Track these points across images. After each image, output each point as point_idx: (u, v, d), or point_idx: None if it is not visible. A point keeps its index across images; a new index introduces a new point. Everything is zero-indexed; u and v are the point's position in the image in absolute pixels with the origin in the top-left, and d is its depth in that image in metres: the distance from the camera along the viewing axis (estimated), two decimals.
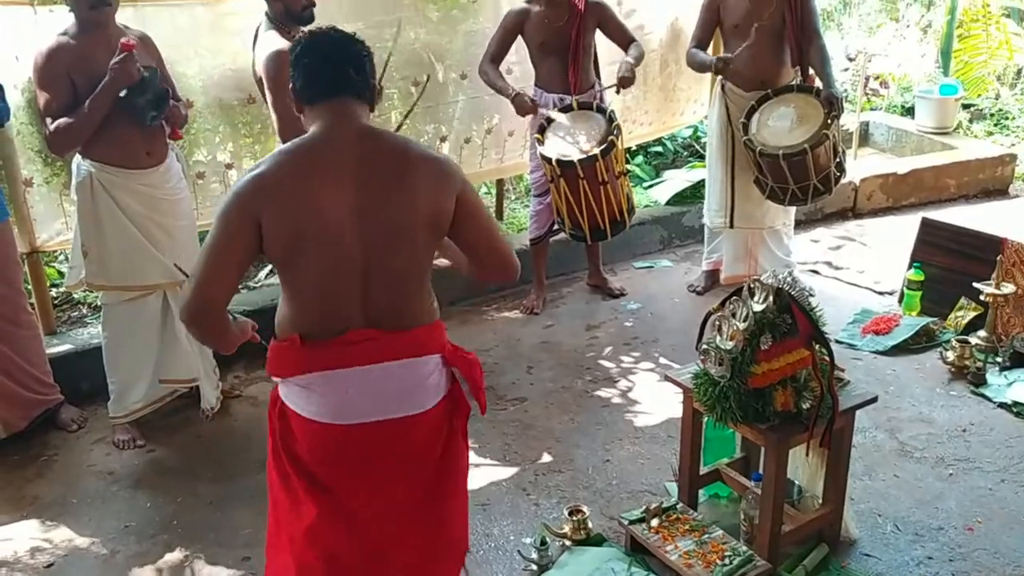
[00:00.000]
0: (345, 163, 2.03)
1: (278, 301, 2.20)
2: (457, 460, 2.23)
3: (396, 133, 2.34)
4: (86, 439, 3.73)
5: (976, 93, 7.87)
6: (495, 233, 2.25)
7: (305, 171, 2.02)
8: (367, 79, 2.14)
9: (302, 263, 2.04)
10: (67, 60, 3.23)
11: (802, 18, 4.32)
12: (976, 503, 3.18)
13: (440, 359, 2.16)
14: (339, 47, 2.15)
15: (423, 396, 2.12)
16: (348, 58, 2.13)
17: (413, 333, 2.11)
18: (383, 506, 2.12)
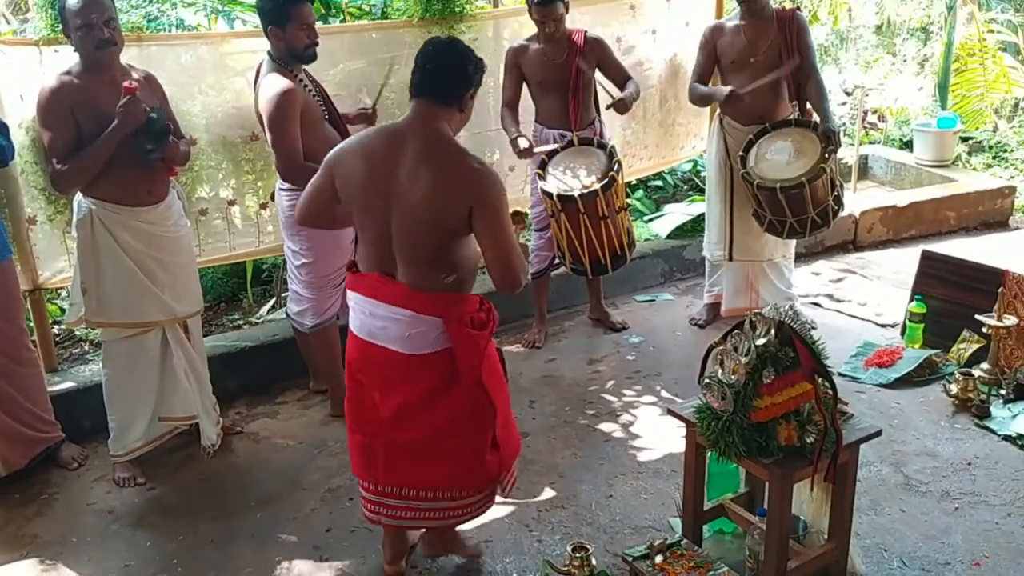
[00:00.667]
0: (396, 151, 2.57)
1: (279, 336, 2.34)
2: (460, 404, 2.71)
3: (455, 145, 2.64)
4: (87, 477, 3.71)
5: (974, 126, 7.92)
6: (506, 248, 2.59)
7: (366, 150, 2.63)
8: (451, 87, 2.61)
9: (354, 217, 2.70)
10: (71, 99, 3.26)
11: (799, 53, 4.36)
12: (983, 537, 3.15)
13: (438, 323, 2.62)
14: (435, 56, 2.65)
15: (410, 342, 2.63)
16: (438, 66, 2.61)
17: (415, 292, 2.60)
18: (393, 407, 2.71)
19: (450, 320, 2.61)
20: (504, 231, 2.59)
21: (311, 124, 3.64)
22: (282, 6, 3.54)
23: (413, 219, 2.55)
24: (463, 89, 2.63)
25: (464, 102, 2.66)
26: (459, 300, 2.66)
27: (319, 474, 3.68)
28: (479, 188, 2.54)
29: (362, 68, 4.46)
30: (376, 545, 3.22)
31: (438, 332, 2.62)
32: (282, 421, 4.13)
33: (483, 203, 2.53)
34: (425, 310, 2.61)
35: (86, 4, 3.21)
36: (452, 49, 2.68)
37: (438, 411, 2.71)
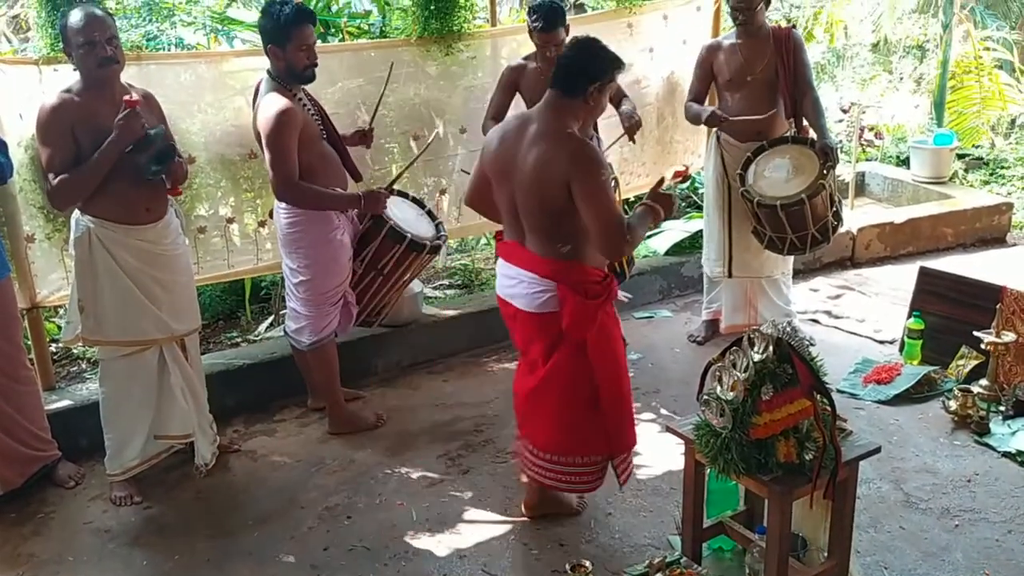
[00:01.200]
0: (521, 134, 2.98)
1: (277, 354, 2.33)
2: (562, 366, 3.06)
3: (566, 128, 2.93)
4: (83, 496, 3.70)
5: (970, 143, 7.95)
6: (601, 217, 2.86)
7: (502, 133, 3.07)
8: (574, 80, 2.93)
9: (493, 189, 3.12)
10: (71, 117, 3.26)
11: (795, 71, 4.38)
12: (983, 555, 3.14)
13: (554, 286, 2.99)
14: (568, 52, 3.06)
15: (527, 300, 3.05)
16: (567, 61, 2.97)
17: (536, 257, 3.02)
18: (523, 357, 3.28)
19: (562, 284, 2.98)
20: (599, 203, 2.86)
21: (309, 142, 3.65)
22: (283, 26, 3.55)
23: (527, 193, 2.95)
24: (586, 83, 2.92)
25: (588, 95, 2.94)
26: (575, 268, 2.99)
27: (317, 492, 3.67)
28: (573, 165, 2.85)
29: (361, 86, 4.48)
30: (374, 564, 3.21)
31: (553, 294, 3.00)
32: (280, 439, 4.11)
33: (577, 179, 2.84)
34: (543, 273, 3.01)
35: (88, 22, 3.22)
36: (582, 47, 3.01)
37: (548, 368, 3.09)
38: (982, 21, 9.09)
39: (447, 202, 4.97)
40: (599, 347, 3.04)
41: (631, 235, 2.94)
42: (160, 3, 5.18)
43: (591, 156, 2.90)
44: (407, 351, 4.79)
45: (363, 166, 4.10)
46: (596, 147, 3.04)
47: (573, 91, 2.94)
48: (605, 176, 2.91)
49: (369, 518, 3.48)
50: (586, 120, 3.05)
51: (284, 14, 3.54)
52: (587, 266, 3.03)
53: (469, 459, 3.87)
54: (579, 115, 2.98)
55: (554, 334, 3.05)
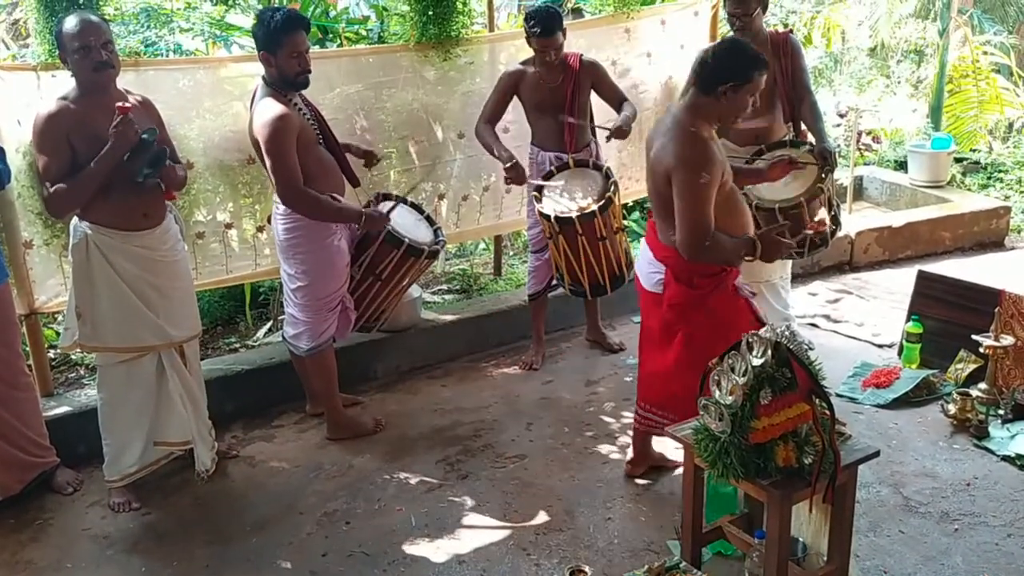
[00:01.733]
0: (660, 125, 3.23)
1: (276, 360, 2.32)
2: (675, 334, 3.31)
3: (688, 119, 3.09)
4: (82, 502, 3.69)
5: (968, 147, 7.96)
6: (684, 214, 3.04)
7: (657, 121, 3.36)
8: (707, 78, 3.05)
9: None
10: (67, 124, 3.26)
11: (792, 75, 4.39)
12: (983, 559, 3.14)
13: (663, 269, 3.25)
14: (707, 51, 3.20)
15: (646, 278, 3.36)
16: (703, 60, 3.12)
17: (655, 240, 3.29)
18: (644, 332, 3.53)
19: (670, 268, 3.22)
20: (687, 198, 3.03)
21: (306, 147, 3.65)
22: (274, 33, 3.55)
23: (649, 178, 3.23)
24: (717, 82, 3.02)
25: (719, 93, 3.03)
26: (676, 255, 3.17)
27: (315, 498, 3.66)
28: (674, 156, 3.03)
29: (359, 92, 4.48)
30: (373, 570, 3.20)
31: (661, 277, 3.26)
32: (278, 445, 4.11)
33: (675, 169, 3.02)
34: (657, 255, 3.28)
35: (83, 27, 3.22)
36: (720, 47, 3.20)
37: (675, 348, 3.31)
38: (980, 25, 9.11)
39: (445, 207, 4.97)
40: (701, 335, 3.21)
41: (713, 243, 3.05)
42: (158, 9, 5.18)
43: (691, 152, 3.03)
44: (406, 356, 4.79)
45: (361, 171, 4.10)
46: (707, 147, 3.07)
47: (705, 88, 3.06)
48: (701, 173, 3.00)
49: (368, 523, 3.48)
50: (722, 119, 3.13)
51: (275, 21, 3.54)
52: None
53: (468, 464, 3.87)
54: (714, 112, 3.09)
55: (660, 306, 3.30)
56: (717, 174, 3.06)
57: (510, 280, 5.57)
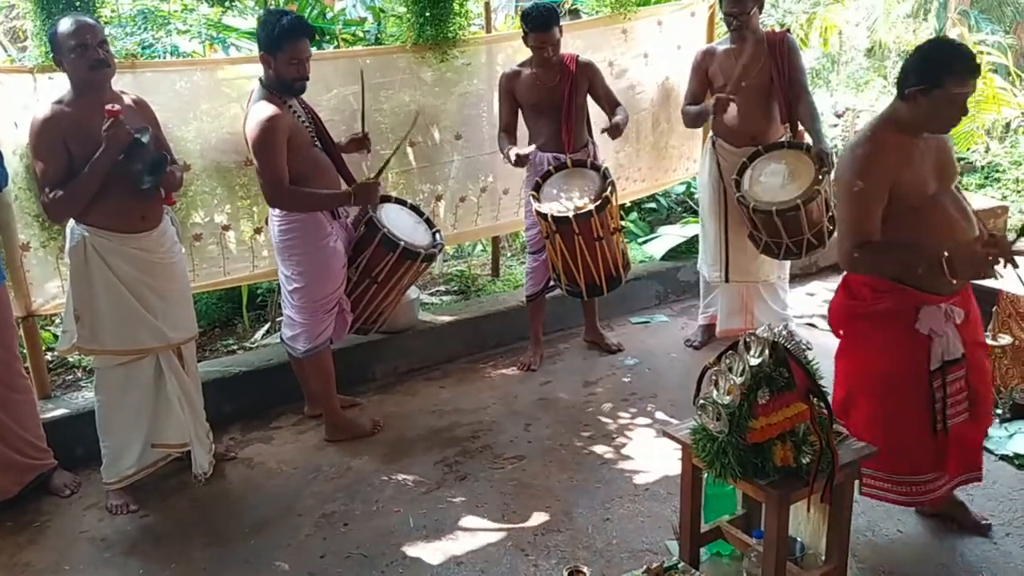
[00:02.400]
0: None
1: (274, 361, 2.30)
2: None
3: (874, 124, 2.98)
4: (79, 504, 3.69)
5: (965, 147, 7.96)
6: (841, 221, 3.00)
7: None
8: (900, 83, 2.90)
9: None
10: (63, 128, 3.25)
11: (789, 76, 4.40)
12: (981, 558, 3.14)
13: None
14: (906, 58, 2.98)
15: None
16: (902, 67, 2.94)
17: None
18: None
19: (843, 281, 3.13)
20: (842, 207, 2.93)
21: (299, 149, 3.65)
22: (277, 37, 3.55)
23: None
24: (907, 86, 2.86)
25: (908, 96, 2.85)
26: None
27: (314, 500, 3.66)
28: (839, 163, 2.97)
29: (356, 93, 4.48)
30: (371, 571, 3.20)
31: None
32: (276, 446, 4.11)
33: (838, 177, 2.94)
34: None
35: (80, 26, 3.23)
36: (912, 55, 2.96)
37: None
38: (976, 25, 9.13)
39: (443, 208, 4.97)
40: (848, 349, 3.13)
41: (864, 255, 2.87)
42: (155, 11, 5.18)
43: (853, 156, 2.90)
44: (404, 358, 4.79)
45: (359, 173, 4.10)
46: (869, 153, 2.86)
47: (899, 93, 2.92)
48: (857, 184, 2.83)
49: (366, 525, 3.47)
50: (914, 121, 2.88)
51: (280, 25, 3.54)
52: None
53: (466, 465, 3.87)
54: (906, 115, 2.88)
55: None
56: (875, 184, 2.83)
57: (508, 281, 5.57)
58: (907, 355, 2.96)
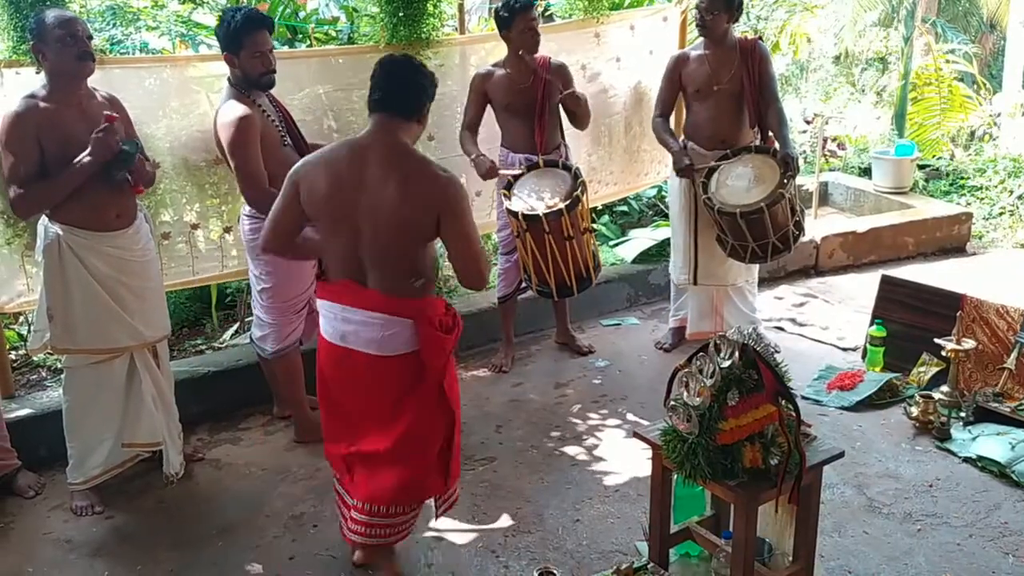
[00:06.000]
0: (360, 163, 2.72)
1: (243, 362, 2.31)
2: (424, 406, 2.84)
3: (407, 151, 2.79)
4: (43, 506, 3.63)
5: (931, 154, 8.09)
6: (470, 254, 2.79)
7: (330, 164, 2.75)
8: (413, 101, 2.79)
9: (321, 229, 2.84)
10: (36, 123, 3.20)
11: (760, 82, 4.44)
12: (945, 559, 3.19)
13: (410, 324, 2.77)
14: (396, 73, 2.81)
15: (381, 344, 2.78)
16: (400, 83, 2.78)
17: (387, 297, 2.75)
18: (362, 408, 2.89)
19: (421, 322, 2.77)
20: (470, 236, 2.78)
21: (269, 149, 3.62)
22: (234, 33, 3.53)
23: (382, 227, 2.70)
24: (424, 102, 2.83)
25: (423, 114, 2.85)
26: (429, 303, 2.83)
27: (282, 501, 3.63)
28: (446, 196, 2.73)
29: (328, 92, 4.46)
30: (340, 573, 3.18)
31: (409, 334, 2.78)
32: (245, 447, 4.07)
33: (450, 210, 2.72)
34: (398, 312, 2.76)
35: (70, 18, 3.23)
36: (411, 66, 2.85)
37: (402, 415, 2.84)
38: (943, 34, 9.27)
39: None
40: (451, 381, 2.90)
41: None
42: (125, 7, 5.12)
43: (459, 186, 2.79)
44: None
45: None
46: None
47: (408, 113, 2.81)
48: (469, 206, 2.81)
49: (335, 526, 3.43)
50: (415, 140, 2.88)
51: (235, 21, 3.53)
52: (436, 298, 2.89)
53: None
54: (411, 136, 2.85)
55: (408, 376, 2.82)
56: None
57: None
58: None
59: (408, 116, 2.80)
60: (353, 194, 2.70)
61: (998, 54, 10.78)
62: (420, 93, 2.82)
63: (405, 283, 2.78)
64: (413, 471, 2.88)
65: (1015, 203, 7.08)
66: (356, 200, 2.70)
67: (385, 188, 2.69)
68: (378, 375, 2.83)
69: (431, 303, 2.84)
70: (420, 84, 2.82)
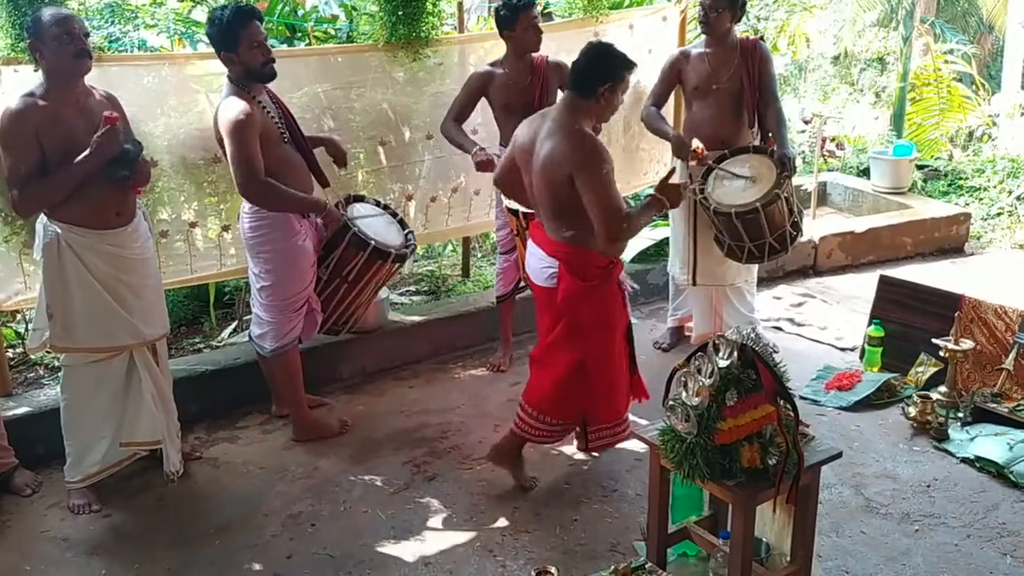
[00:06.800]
0: (538, 128, 3.32)
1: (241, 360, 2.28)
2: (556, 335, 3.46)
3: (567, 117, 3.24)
4: (40, 504, 3.63)
5: (929, 154, 8.10)
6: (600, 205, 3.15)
7: (526, 126, 3.43)
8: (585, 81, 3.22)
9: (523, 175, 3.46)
10: (36, 121, 3.19)
11: (760, 82, 4.44)
12: (943, 559, 3.19)
13: (557, 264, 3.37)
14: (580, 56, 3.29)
15: (540, 275, 3.46)
16: (578, 64, 3.28)
17: (547, 238, 3.40)
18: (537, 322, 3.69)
19: (563, 264, 3.34)
20: (599, 192, 3.14)
21: (268, 146, 3.62)
22: (228, 29, 3.53)
23: (539, 181, 3.30)
24: (595, 84, 3.20)
25: (599, 95, 3.21)
26: (577, 252, 3.33)
27: (280, 500, 3.63)
28: (576, 157, 3.15)
29: (327, 91, 4.45)
30: (338, 572, 3.18)
31: (556, 271, 3.37)
32: (243, 446, 4.07)
33: (579, 169, 3.14)
34: (551, 252, 3.39)
35: (67, 15, 3.22)
36: (592, 50, 3.30)
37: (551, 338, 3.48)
38: (942, 35, 9.27)
39: (413, 208, 4.95)
40: (591, 326, 3.39)
41: (629, 222, 3.21)
42: (123, 5, 5.12)
43: (592, 150, 3.17)
44: (373, 357, 4.77)
45: (329, 171, 4.07)
46: (598, 141, 3.23)
47: (582, 91, 3.22)
48: (606, 168, 3.15)
49: (333, 526, 3.45)
50: (599, 118, 3.37)
51: (226, 17, 3.52)
52: (589, 250, 3.31)
53: (434, 466, 3.86)
54: (593, 114, 3.28)
55: (554, 300, 3.41)
56: (611, 161, 3.24)
57: (478, 282, 5.56)
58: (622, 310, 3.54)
59: (582, 95, 3.23)
60: (529, 153, 3.32)
61: (997, 54, 10.79)
62: (593, 78, 3.20)
63: (558, 231, 3.33)
64: (539, 385, 3.56)
65: (1013, 203, 7.09)
66: (530, 157, 3.31)
67: (542, 150, 3.24)
68: (539, 299, 3.55)
69: (578, 252, 3.32)
70: (595, 69, 3.21)
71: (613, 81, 3.21)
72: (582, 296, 3.34)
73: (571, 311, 3.38)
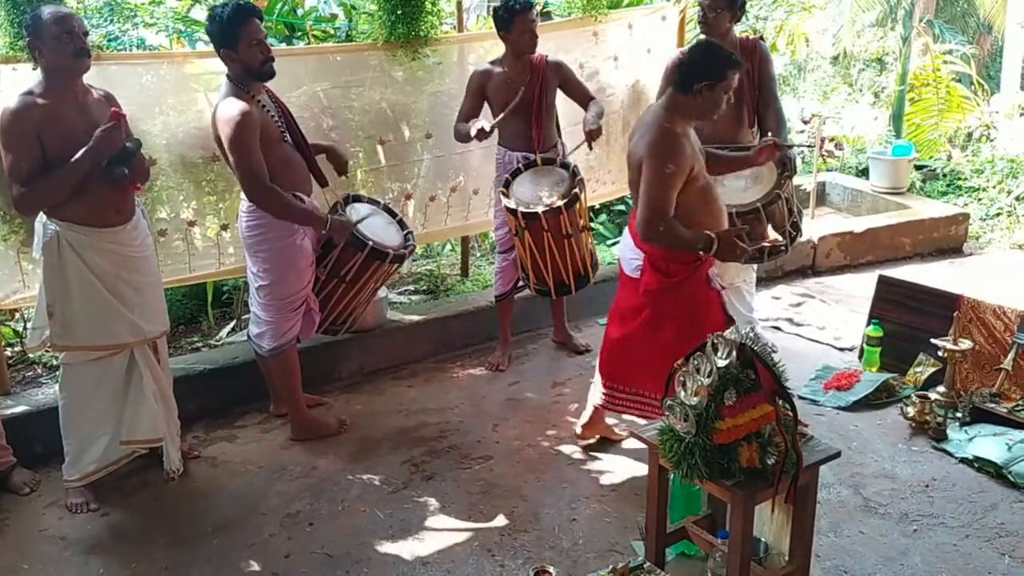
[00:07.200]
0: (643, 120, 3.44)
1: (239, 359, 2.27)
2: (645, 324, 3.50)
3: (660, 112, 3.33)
4: (38, 503, 3.62)
5: (928, 155, 8.10)
6: (645, 196, 3.25)
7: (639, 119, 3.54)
8: (683, 77, 3.27)
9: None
10: (36, 119, 3.19)
11: (760, 82, 4.43)
12: (941, 559, 3.19)
13: (643, 256, 3.45)
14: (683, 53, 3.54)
15: (626, 264, 3.57)
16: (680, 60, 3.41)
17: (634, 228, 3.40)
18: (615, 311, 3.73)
19: (647, 257, 3.41)
20: (653, 186, 3.22)
21: (268, 145, 3.61)
22: (228, 27, 3.52)
23: (629, 171, 3.41)
24: (693, 80, 3.23)
25: (695, 91, 3.24)
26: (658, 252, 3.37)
27: (278, 499, 3.63)
28: (649, 147, 3.24)
29: (326, 90, 4.45)
30: (336, 571, 3.18)
31: (641, 263, 3.45)
32: (241, 445, 4.07)
33: (648, 157, 3.23)
34: (637, 242, 3.44)
35: (67, 14, 3.21)
36: (697, 48, 3.39)
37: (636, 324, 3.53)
38: (941, 35, 9.28)
39: (412, 207, 4.95)
40: (673, 321, 3.42)
41: (667, 228, 3.23)
42: (122, 4, 5.11)
43: (662, 142, 3.23)
44: (371, 357, 4.76)
45: (328, 171, 4.06)
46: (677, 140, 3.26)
47: (680, 87, 3.28)
48: (667, 161, 3.20)
49: (331, 525, 3.45)
50: (696, 114, 3.33)
51: (226, 14, 3.52)
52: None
53: (433, 465, 3.86)
54: (691, 109, 3.30)
55: (638, 291, 3.49)
56: (684, 166, 3.24)
57: (477, 281, 5.56)
58: (716, 309, 3.50)
59: (681, 91, 3.28)
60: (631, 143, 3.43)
61: (996, 55, 10.80)
62: (693, 74, 3.24)
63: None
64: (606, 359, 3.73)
65: (1012, 204, 7.09)
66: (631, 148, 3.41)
67: (634, 139, 3.37)
68: (624, 285, 3.62)
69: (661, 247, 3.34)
70: (696, 66, 3.26)
71: (712, 79, 3.22)
72: (665, 291, 3.41)
73: (652, 304, 3.45)
